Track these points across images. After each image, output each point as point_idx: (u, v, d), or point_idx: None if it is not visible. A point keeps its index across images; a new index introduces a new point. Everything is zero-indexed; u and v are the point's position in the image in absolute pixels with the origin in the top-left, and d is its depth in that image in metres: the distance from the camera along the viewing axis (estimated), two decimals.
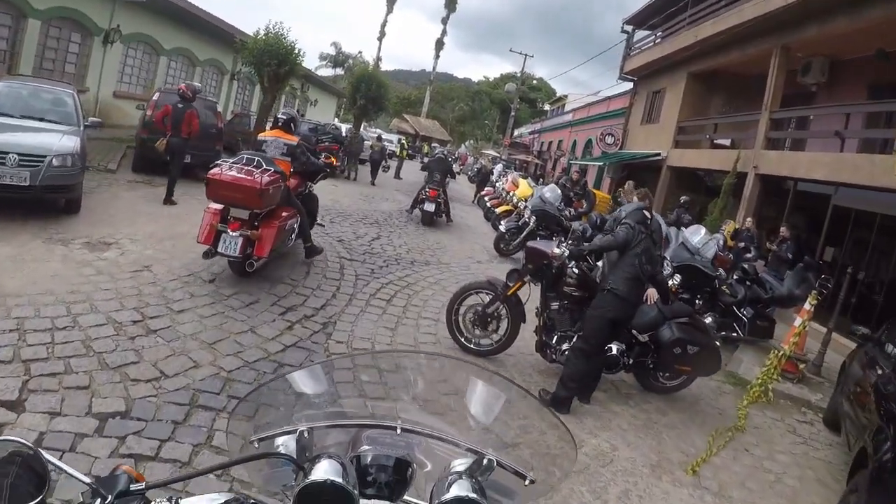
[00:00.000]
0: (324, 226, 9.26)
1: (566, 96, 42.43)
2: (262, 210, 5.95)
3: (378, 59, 51.28)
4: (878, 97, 11.97)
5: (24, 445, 0.96)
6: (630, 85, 21.96)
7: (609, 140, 21.14)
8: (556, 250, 5.15)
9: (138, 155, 11.45)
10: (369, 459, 1.22)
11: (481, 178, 21.43)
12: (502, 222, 11.31)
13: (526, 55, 39.85)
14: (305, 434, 1.19)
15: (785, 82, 13.03)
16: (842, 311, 8.21)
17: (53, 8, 14.21)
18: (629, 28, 21.09)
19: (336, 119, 35.14)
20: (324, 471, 1.03)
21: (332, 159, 17.36)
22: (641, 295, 4.98)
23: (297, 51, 12.34)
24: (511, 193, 14.24)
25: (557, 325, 5.32)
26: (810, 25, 11.77)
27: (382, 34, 48.85)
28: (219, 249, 5.82)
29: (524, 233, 10.52)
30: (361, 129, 27.36)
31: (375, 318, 6.12)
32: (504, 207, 13.92)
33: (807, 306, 7.89)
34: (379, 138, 23.10)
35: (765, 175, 12.64)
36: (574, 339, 5.09)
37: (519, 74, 45.59)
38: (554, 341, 5.29)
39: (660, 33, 18.99)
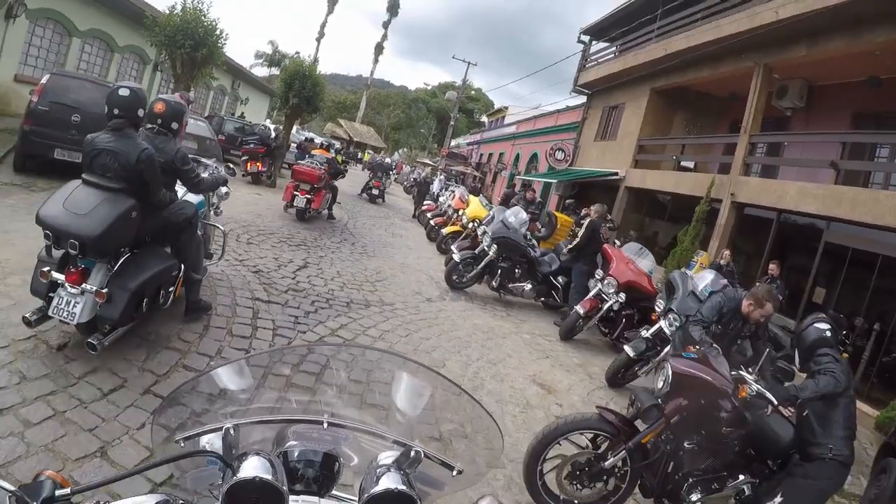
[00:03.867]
0: (340, 203, 13.73)
1: (506, 108, 41.39)
2: (317, 186, 11.13)
3: (315, 59, 48.96)
4: (863, 127, 11.14)
5: None
6: (582, 99, 20.85)
7: (559, 155, 19.83)
8: (751, 384, 3.22)
9: (21, 151, 9.01)
10: (296, 455, 1.21)
11: (420, 191, 19.75)
12: (453, 247, 9.54)
13: (469, 62, 38.42)
14: (231, 431, 1.16)
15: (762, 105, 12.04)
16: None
17: None
18: (586, 38, 19.89)
19: (268, 120, 32.87)
20: (252, 468, 1.02)
21: (258, 164, 15.47)
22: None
23: (218, 31, 10.15)
24: (460, 212, 12.58)
25: (686, 464, 3.49)
26: (799, 45, 10.77)
27: (321, 35, 46.78)
28: (294, 204, 11.00)
29: (482, 263, 8.75)
30: (294, 132, 25.27)
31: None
32: (452, 228, 12.26)
33: None
34: (312, 140, 22.73)
35: (742, 203, 11.55)
36: None
37: (459, 83, 44.16)
38: (684, 489, 3.47)
39: (619, 45, 17.87)
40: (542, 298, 9.31)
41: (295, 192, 10.94)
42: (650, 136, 15.81)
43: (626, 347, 6.19)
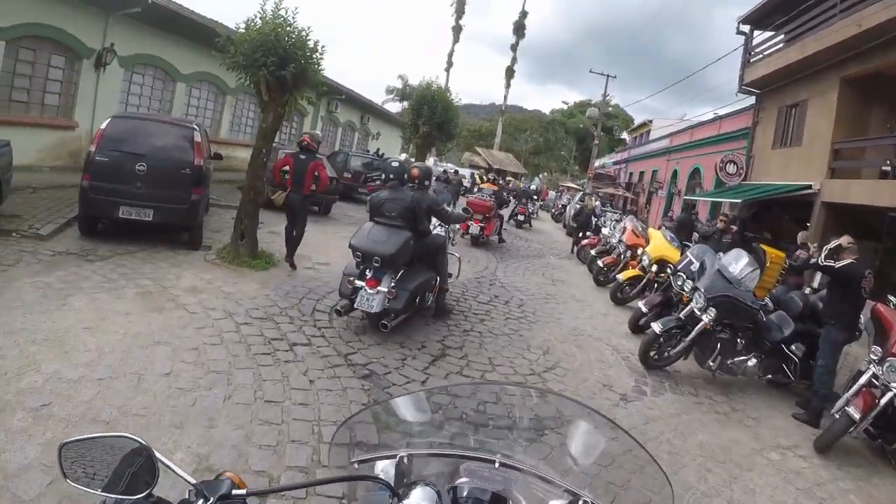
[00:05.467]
0: (507, 229, 16.65)
1: (650, 122, 38.32)
2: (489, 216, 14.01)
3: (446, 88, 49.13)
4: None
5: (139, 443, 1.05)
6: (748, 100, 18.02)
7: (731, 169, 17.02)
8: None
9: (83, 211, 7.95)
10: (466, 492, 1.20)
11: (581, 223, 16.92)
12: (641, 304, 7.55)
13: (608, 75, 35.97)
14: (405, 460, 1.22)
15: None
16: None
17: (21, 25, 11.15)
18: (746, 28, 17.04)
19: (404, 154, 32.89)
20: (417, 498, 1.06)
21: None
22: None
23: (312, 44, 7.91)
24: (641, 251, 10.36)
25: None
26: None
27: (450, 64, 47.27)
28: (469, 231, 13.63)
29: (693, 333, 6.47)
30: (431, 163, 24.77)
31: None
32: (630, 273, 10.27)
33: None
34: (456, 172, 25.10)
35: None
36: None
37: (596, 100, 41.78)
38: None
39: (788, 30, 14.95)
40: (770, 375, 7.02)
41: (469, 222, 13.23)
42: (846, 136, 12.84)
43: None
